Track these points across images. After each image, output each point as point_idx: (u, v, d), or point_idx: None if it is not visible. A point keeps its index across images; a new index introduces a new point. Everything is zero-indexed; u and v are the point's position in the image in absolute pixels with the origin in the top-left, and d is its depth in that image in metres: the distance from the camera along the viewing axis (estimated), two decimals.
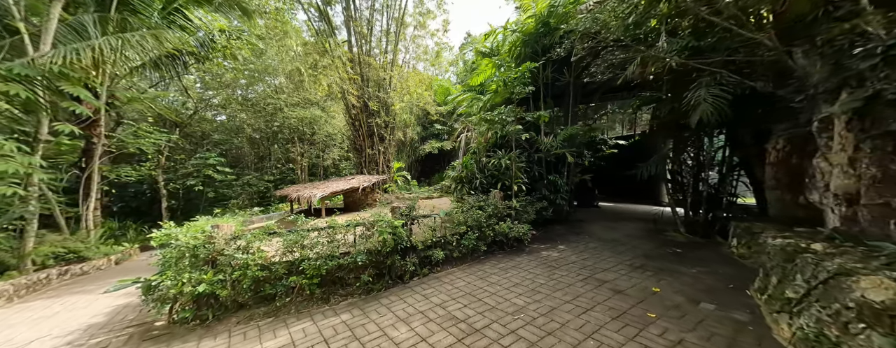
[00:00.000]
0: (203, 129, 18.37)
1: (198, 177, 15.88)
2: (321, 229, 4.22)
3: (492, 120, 5.90)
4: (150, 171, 14.95)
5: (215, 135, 18.35)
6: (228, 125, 19.92)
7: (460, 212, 4.86)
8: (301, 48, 12.15)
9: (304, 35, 13.57)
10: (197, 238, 3.52)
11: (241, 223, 6.66)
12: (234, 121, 19.86)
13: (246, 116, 19.44)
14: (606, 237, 5.78)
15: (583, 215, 7.46)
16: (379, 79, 11.50)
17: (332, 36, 11.19)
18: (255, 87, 18.36)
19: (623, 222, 7.19)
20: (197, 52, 11.21)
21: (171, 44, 8.15)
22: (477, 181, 6.34)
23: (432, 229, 4.41)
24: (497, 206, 5.17)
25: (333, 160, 19.95)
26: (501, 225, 4.91)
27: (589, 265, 4.17)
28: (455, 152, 23.01)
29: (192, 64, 11.63)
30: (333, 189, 9.42)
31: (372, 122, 11.60)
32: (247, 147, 20.67)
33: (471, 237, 4.63)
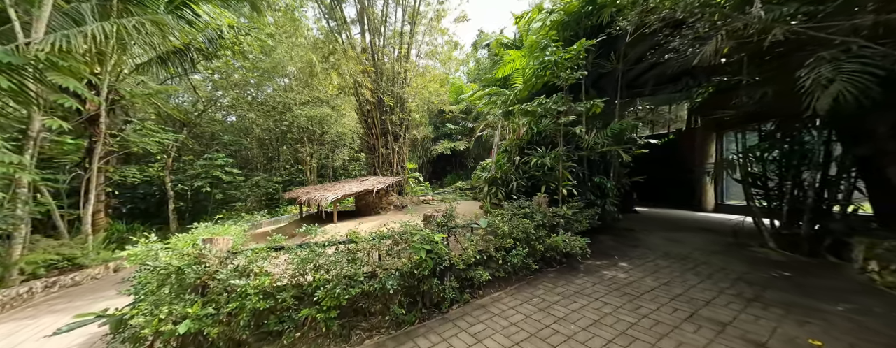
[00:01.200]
0: (212, 130, 17.96)
1: (206, 178, 15.40)
2: (340, 243, 3.41)
3: (533, 111, 5.02)
4: (158, 172, 14.52)
5: (225, 136, 17.92)
6: (238, 126, 19.52)
7: (502, 220, 3.98)
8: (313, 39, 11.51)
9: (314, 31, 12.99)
10: (183, 257, 2.74)
11: (244, 231, 5.97)
12: (243, 122, 19.46)
13: (255, 116, 19.00)
14: (674, 252, 4.83)
15: (625, 222, 6.49)
16: (393, 72, 10.73)
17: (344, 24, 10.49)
18: (265, 87, 17.87)
19: (682, 232, 6.20)
20: (204, 47, 10.65)
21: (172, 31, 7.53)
22: (513, 183, 5.46)
23: (472, 242, 3.55)
24: (546, 214, 4.29)
25: (343, 161, 19.31)
26: (554, 237, 4.01)
27: (678, 294, 3.25)
28: (468, 152, 22.16)
29: (199, 61, 11.09)
30: (346, 191, 8.67)
31: (386, 120, 10.83)
32: (256, 148, 20.23)
33: (519, 253, 3.76)
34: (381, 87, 10.38)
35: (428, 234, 3.10)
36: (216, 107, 18.92)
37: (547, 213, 4.30)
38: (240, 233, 4.34)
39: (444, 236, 3.22)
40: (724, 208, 10.75)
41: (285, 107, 16.58)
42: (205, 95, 16.32)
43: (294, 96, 15.82)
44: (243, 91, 17.65)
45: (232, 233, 4.28)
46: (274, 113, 18.03)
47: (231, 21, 11.15)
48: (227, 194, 16.92)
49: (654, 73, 6.37)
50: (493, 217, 4.04)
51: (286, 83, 17.53)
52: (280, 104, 17.41)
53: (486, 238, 3.71)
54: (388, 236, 3.39)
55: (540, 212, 4.30)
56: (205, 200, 16.75)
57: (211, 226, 4.70)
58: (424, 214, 3.79)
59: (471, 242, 3.52)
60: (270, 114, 18.52)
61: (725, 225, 7.16)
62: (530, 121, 5.16)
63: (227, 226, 5.20)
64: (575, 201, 4.61)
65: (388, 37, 10.99)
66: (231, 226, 5.04)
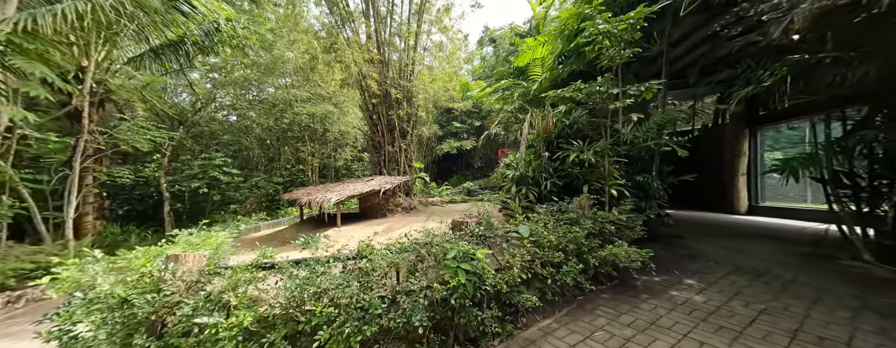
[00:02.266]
0: (212, 129, 17.32)
1: (203, 178, 14.75)
2: (349, 258, 2.66)
3: (571, 97, 4.25)
4: (153, 172, 13.87)
5: (225, 135, 17.28)
6: (238, 125, 18.90)
7: (546, 228, 3.22)
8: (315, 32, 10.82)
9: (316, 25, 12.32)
10: (135, 283, 2.00)
11: (233, 238, 5.11)
12: (243, 121, 18.84)
13: (255, 114, 18.36)
14: (746, 266, 4.04)
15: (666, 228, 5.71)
16: (401, 64, 10.00)
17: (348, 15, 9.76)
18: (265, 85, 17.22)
19: (735, 239, 5.41)
20: (201, 41, 9.96)
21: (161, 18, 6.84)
22: (547, 183, 4.70)
23: (514, 256, 2.79)
24: (596, 220, 3.52)
25: (346, 160, 18.62)
26: (610, 249, 3.24)
27: (795, 329, 2.45)
28: (474, 152, 21.41)
29: (196, 55, 10.41)
30: (350, 192, 7.93)
31: (392, 115, 10.10)
32: (256, 147, 19.59)
33: (572, 269, 2.99)
34: (388, 79, 9.65)
35: (467, 250, 2.33)
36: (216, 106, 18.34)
37: (597, 219, 3.53)
38: (224, 243, 3.60)
39: (489, 252, 2.45)
40: (760, 211, 9.92)
41: (286, 105, 15.92)
42: (203, 93, 15.67)
43: (295, 92, 15.15)
44: (244, 90, 17.02)
45: (215, 243, 3.56)
46: (274, 110, 17.38)
47: (229, 14, 10.48)
48: (225, 195, 16.27)
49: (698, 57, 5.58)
50: (533, 224, 3.27)
51: (287, 82, 16.91)
52: (281, 101, 16.76)
53: (531, 251, 2.95)
54: (410, 250, 2.64)
55: (589, 217, 3.53)
56: (203, 202, 16.12)
57: (196, 233, 3.96)
58: (453, 221, 3.04)
59: (513, 257, 2.75)
60: (271, 113, 17.87)
61: (780, 230, 6.36)
62: (566, 110, 4.40)
63: (212, 232, 4.45)
64: (627, 204, 3.83)
65: (394, 28, 10.28)
66: (217, 233, 4.30)
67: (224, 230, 5.17)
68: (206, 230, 4.74)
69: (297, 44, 14.10)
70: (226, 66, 15.42)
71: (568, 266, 2.99)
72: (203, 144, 16.89)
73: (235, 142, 17.99)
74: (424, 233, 3.03)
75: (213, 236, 3.93)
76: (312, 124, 15.85)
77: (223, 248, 3.44)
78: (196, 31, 9.80)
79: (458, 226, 2.94)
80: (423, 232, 3.04)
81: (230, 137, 17.34)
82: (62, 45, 8.15)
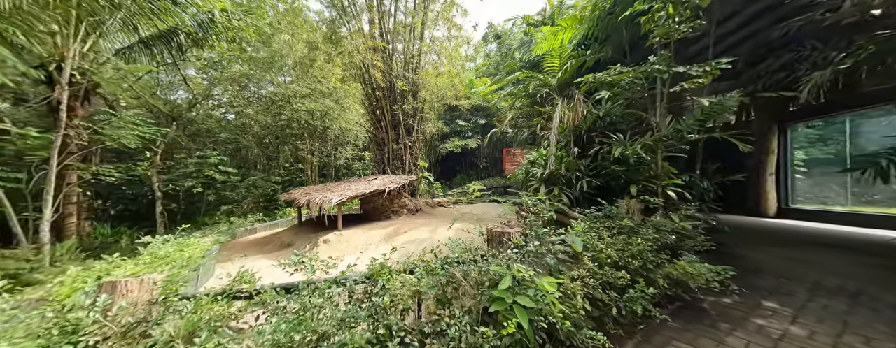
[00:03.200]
0: (209, 127, 16.70)
1: (198, 177, 14.13)
2: (357, 282, 2.00)
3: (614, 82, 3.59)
4: (146, 171, 13.23)
5: (222, 133, 16.66)
6: (236, 123, 18.29)
7: (599, 240, 2.56)
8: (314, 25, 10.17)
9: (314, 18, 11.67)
10: (51, 325, 1.35)
11: (215, 246, 4.36)
12: (241, 118, 18.22)
13: (253, 111, 17.73)
14: (827, 283, 3.37)
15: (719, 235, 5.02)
16: (407, 55, 9.34)
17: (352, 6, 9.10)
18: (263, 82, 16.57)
19: (792, 248, 4.73)
20: (194, 32, 9.31)
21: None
22: (581, 182, 4.04)
23: (574, 280, 2.12)
24: (659, 230, 2.86)
25: (347, 159, 17.96)
26: (681, 266, 2.59)
27: None
28: (479, 151, 20.74)
29: (190, 47, 9.74)
30: (353, 192, 7.27)
31: (397, 110, 9.44)
32: (254, 146, 18.95)
33: (641, 295, 2.33)
34: (393, 71, 8.99)
35: (527, 277, 1.66)
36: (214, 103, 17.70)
37: (660, 228, 2.87)
38: (196, 258, 2.93)
39: (560, 281, 1.79)
40: (791, 213, 9.23)
41: (285, 101, 15.27)
42: (199, 89, 15.02)
43: (294, 87, 14.50)
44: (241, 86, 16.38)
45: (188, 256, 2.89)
46: (273, 107, 16.74)
47: (223, 4, 9.80)
48: (221, 195, 15.65)
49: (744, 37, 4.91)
50: (580, 233, 2.61)
51: (286, 80, 16.28)
52: (279, 97, 16.11)
53: (590, 270, 2.28)
54: (441, 272, 1.98)
55: (650, 225, 2.87)
56: (198, 201, 15.52)
57: (173, 240, 3.29)
58: (490, 230, 2.38)
59: (573, 280, 2.08)
60: (269, 110, 17.23)
61: (832, 236, 5.70)
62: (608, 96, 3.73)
63: (193, 239, 3.76)
64: (689, 208, 3.17)
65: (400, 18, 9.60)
66: (197, 241, 3.62)
67: (209, 235, 4.48)
68: (186, 236, 4.07)
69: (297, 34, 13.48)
70: (222, 62, 14.79)
71: (636, 290, 2.33)
72: (200, 143, 16.27)
73: (233, 140, 17.36)
74: (451, 244, 2.37)
75: (191, 245, 3.27)
76: (312, 121, 15.21)
77: (196, 264, 2.79)
78: (189, 21, 9.13)
79: (497, 236, 2.28)
80: (449, 243, 2.38)
81: (228, 135, 16.70)
82: (41, 33, 7.50)
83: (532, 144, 9.68)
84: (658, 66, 3.32)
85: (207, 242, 4.02)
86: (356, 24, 8.86)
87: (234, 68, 15.38)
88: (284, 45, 13.76)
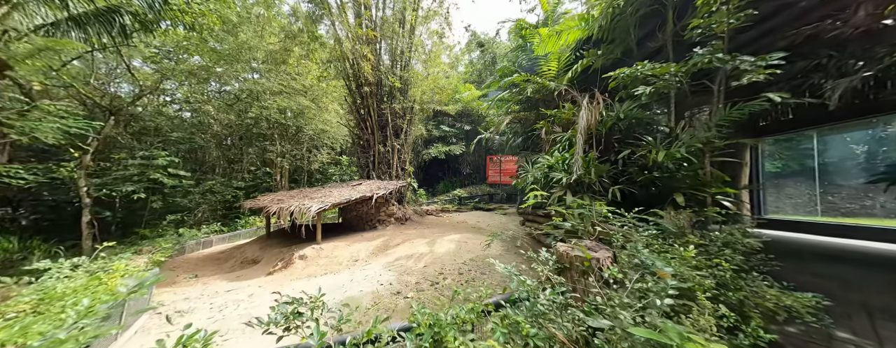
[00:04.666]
0: (157, 124, 14.57)
1: (140, 181, 12.11)
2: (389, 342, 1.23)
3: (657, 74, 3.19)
4: (71, 173, 11.03)
5: (174, 133, 14.62)
6: (192, 121, 16.24)
7: (682, 263, 2.02)
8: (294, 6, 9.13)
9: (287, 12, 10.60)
10: None
11: (141, 271, 3.18)
12: (198, 116, 16.23)
13: (213, 109, 15.87)
14: (875, 302, 3.12)
15: None
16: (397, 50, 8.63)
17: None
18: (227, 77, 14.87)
19: (790, 259, 4.56)
20: (142, 13, 7.86)
21: None
22: (613, 190, 3.57)
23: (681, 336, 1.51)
24: (735, 247, 2.40)
25: (322, 163, 16.56)
26: (775, 295, 2.13)
27: None
28: (462, 158, 20.30)
29: (136, 30, 8.24)
30: (336, 199, 6.31)
31: (384, 109, 8.64)
32: (213, 147, 16.95)
33: (756, 337, 1.80)
34: (381, 67, 8.23)
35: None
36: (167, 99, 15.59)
37: (736, 246, 2.41)
38: (95, 309, 1.90)
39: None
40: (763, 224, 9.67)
41: (253, 97, 13.75)
42: (147, 80, 13.06)
43: (264, 83, 13.10)
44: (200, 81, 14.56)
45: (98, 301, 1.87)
46: (238, 104, 15.06)
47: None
48: (169, 201, 13.58)
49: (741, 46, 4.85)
50: (666, 257, 2.04)
51: (255, 77, 14.76)
52: (246, 93, 14.53)
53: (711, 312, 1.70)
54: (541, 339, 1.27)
55: (719, 242, 2.40)
56: (141, 209, 13.31)
57: (88, 262, 2.24)
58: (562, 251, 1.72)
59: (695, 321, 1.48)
60: (233, 107, 15.50)
61: (816, 247, 5.74)
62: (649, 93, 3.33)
63: (118, 264, 2.65)
64: (749, 221, 2.78)
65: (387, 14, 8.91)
66: (123, 267, 2.53)
67: (147, 254, 3.31)
68: (112, 257, 2.95)
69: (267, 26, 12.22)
70: (178, 51, 13.02)
71: (746, 333, 1.78)
72: (147, 143, 14.10)
73: (187, 140, 15.31)
74: (505, 273, 1.68)
75: (113, 273, 2.24)
76: (284, 120, 13.82)
77: (108, 310, 1.78)
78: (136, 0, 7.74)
79: (572, 261, 1.62)
80: (505, 272, 1.68)
81: (181, 135, 14.67)
82: None
83: (526, 150, 9.31)
84: (714, 55, 2.96)
85: (142, 265, 2.94)
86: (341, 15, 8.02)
87: (192, 60, 13.64)
88: (254, 36, 12.42)
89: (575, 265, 1.65)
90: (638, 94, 3.43)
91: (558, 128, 6.56)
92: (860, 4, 3.97)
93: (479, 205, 14.22)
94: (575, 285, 1.55)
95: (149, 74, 13.39)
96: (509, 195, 15.40)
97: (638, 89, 3.45)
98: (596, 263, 1.60)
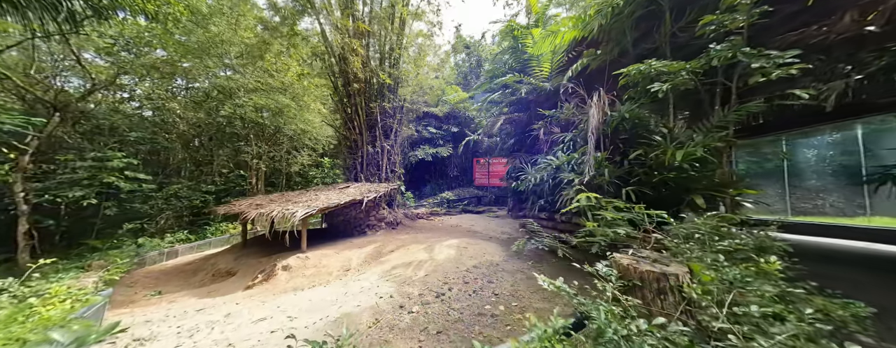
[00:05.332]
0: (113, 123, 13.14)
1: (92, 185, 10.81)
2: None
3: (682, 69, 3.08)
4: (4, 176, 9.62)
5: (132, 133, 13.26)
6: (154, 119, 14.84)
7: (763, 278, 1.83)
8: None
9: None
10: None
11: (80, 300, 2.62)
12: (162, 114, 14.86)
13: (178, 106, 14.60)
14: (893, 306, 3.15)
15: None
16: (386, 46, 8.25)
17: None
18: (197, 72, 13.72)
19: (822, 264, 4.67)
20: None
21: None
22: (626, 191, 3.41)
23: None
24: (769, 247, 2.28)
25: (302, 165, 15.64)
26: (822, 303, 1.99)
27: None
28: (449, 160, 20.05)
29: (87, 17, 7.25)
30: (324, 203, 5.80)
31: (374, 108, 8.21)
32: (179, 148, 15.60)
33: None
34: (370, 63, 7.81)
35: None
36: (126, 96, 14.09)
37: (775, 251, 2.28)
38: (26, 327, 1.44)
39: None
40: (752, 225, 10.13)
41: (226, 94, 12.73)
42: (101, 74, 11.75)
43: (239, 79, 12.16)
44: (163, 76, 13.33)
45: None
46: (208, 102, 13.92)
47: None
48: (126, 208, 12.24)
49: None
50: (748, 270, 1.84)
51: (226, 73, 13.70)
52: (215, 90, 13.45)
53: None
54: None
55: (754, 248, 2.27)
56: (92, 217, 11.89)
57: (12, 288, 1.71)
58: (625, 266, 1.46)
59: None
60: (202, 106, 14.32)
61: (800, 247, 5.99)
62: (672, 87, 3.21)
63: (56, 289, 2.08)
64: (770, 224, 2.70)
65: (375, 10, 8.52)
66: (63, 290, 1.98)
67: (98, 271, 2.61)
68: (47, 277, 2.35)
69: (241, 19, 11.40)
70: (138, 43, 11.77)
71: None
72: (100, 143, 12.66)
73: (148, 140, 13.95)
74: (557, 290, 1.41)
75: (52, 298, 1.72)
76: (261, 120, 12.89)
77: (34, 330, 1.28)
78: None
79: (643, 277, 1.37)
80: (561, 291, 1.41)
81: (141, 135, 13.33)
82: None
83: (518, 151, 9.20)
84: (738, 50, 2.89)
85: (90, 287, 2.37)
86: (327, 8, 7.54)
87: (154, 54, 12.45)
88: (228, 29, 11.51)
89: (648, 282, 1.39)
90: (654, 91, 3.32)
91: (556, 129, 6.48)
92: (846, 11, 4.13)
93: (468, 208, 13.99)
94: (650, 307, 1.29)
95: (103, 68, 12.05)
96: (497, 197, 15.30)
97: (653, 86, 3.35)
98: (674, 280, 1.35)
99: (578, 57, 7.13)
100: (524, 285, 3.77)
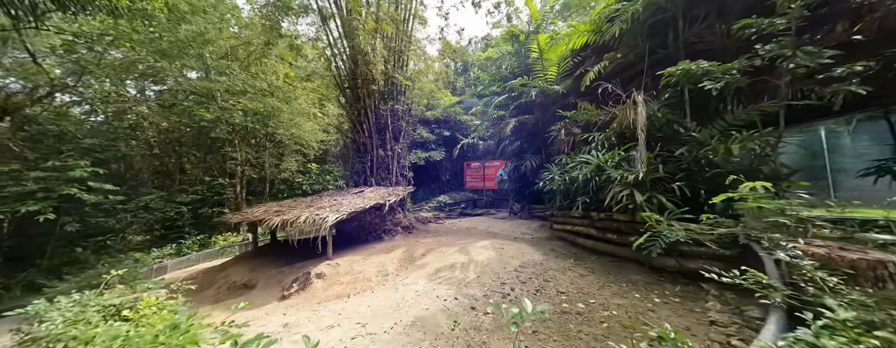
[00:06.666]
0: (62, 129, 11.67)
1: (47, 198, 9.51)
2: None
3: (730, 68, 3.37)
4: None
5: (86, 139, 11.84)
6: (117, 125, 13.35)
7: None
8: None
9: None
10: None
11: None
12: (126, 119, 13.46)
13: (148, 110, 13.31)
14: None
15: None
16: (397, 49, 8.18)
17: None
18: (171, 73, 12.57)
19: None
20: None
21: None
22: (677, 187, 3.63)
23: None
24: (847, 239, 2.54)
25: (291, 172, 14.75)
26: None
27: None
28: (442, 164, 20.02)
29: (51, 11, 6.43)
30: (350, 208, 5.55)
31: (384, 110, 8.06)
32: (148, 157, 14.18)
33: None
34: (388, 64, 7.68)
35: None
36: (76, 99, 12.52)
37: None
38: None
39: None
40: None
41: (208, 97, 11.78)
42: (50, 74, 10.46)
43: (225, 81, 11.31)
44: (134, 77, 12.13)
45: None
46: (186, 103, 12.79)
47: None
48: (88, 222, 10.80)
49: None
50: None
51: (199, 75, 12.68)
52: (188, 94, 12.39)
53: None
54: None
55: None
56: (44, 234, 10.41)
57: None
58: (851, 261, 1.56)
59: None
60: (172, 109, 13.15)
61: None
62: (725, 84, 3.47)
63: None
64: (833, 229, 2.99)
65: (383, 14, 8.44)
66: (146, 300, 1.72)
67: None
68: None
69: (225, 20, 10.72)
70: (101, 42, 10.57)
71: None
72: (47, 150, 11.16)
73: (106, 147, 12.50)
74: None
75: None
76: (249, 123, 12.04)
77: None
78: None
79: (855, 266, 1.44)
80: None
81: (96, 142, 11.91)
82: None
83: (526, 153, 9.45)
84: (785, 50, 3.24)
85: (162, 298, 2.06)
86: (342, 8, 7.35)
87: (116, 53, 11.26)
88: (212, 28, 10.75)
89: (862, 270, 1.44)
90: (708, 89, 3.62)
91: (577, 129, 6.76)
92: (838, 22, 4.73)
93: (466, 211, 14.02)
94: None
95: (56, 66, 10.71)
96: (493, 200, 15.48)
97: (704, 84, 3.64)
98: (893, 267, 1.42)
99: (584, 61, 7.55)
100: (584, 282, 3.86)
